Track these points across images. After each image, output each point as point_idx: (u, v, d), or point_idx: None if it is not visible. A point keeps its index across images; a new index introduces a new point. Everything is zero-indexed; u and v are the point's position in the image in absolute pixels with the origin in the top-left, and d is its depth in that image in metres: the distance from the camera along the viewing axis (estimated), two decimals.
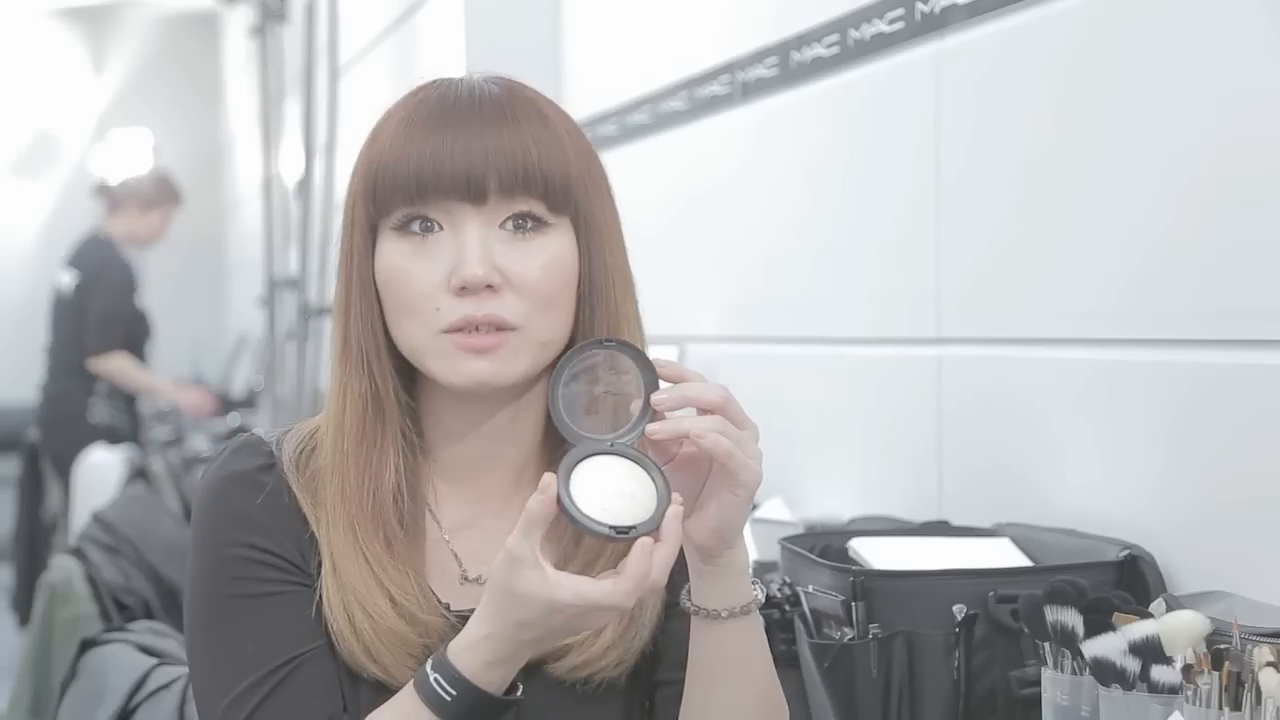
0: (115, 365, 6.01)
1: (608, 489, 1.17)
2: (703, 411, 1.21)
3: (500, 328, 1.25)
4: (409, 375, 1.32)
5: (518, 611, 1.16)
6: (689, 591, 1.26)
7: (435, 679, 1.20)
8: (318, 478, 1.31)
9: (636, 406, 1.22)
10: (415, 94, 1.32)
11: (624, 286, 1.33)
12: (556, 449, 1.31)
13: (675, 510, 1.16)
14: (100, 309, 5.94)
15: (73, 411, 5.95)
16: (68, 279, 6.03)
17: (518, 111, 1.29)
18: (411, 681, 1.22)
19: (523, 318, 1.26)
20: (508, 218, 1.27)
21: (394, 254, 1.28)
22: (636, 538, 1.15)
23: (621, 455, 1.20)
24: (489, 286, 1.25)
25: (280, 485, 1.31)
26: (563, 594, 1.14)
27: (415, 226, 1.27)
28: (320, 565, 1.29)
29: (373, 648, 1.27)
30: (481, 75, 1.33)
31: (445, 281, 1.25)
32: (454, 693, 1.19)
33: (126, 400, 6.07)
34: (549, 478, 1.16)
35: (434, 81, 1.33)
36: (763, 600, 1.28)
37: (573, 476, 1.18)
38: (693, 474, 1.22)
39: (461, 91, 1.30)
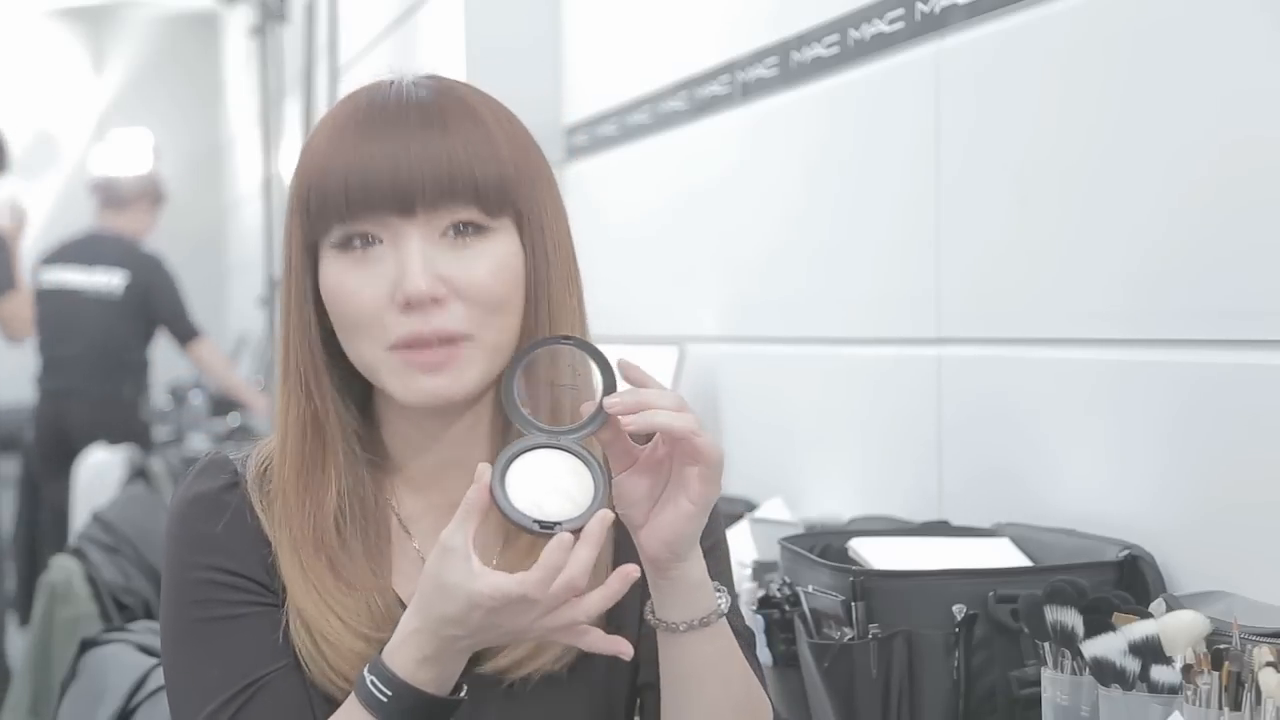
0: (210, 350, 6.08)
1: (545, 484, 1.16)
2: None
3: (450, 340, 1.23)
4: (364, 390, 1.31)
5: (442, 605, 1.15)
6: (651, 606, 1.25)
7: (371, 680, 1.19)
8: (274, 499, 1.30)
9: (590, 407, 1.20)
10: (346, 102, 1.29)
11: (564, 281, 1.30)
12: None
13: (603, 514, 1.14)
14: (172, 304, 5.99)
15: (126, 413, 5.94)
16: (113, 279, 5.95)
17: (446, 114, 1.26)
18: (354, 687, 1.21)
19: (472, 325, 1.24)
20: (447, 226, 1.24)
21: (336, 271, 1.26)
22: (558, 534, 1.13)
23: (568, 451, 1.18)
24: (434, 300, 1.23)
25: (244, 504, 1.31)
26: (480, 585, 1.12)
27: (355, 242, 1.25)
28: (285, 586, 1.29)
29: (339, 668, 1.26)
30: (412, 77, 1.30)
31: (389, 297, 1.23)
32: (389, 693, 1.18)
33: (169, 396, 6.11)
34: (484, 467, 1.15)
35: (365, 87, 1.30)
36: (725, 610, 1.25)
37: (513, 466, 1.17)
38: (651, 480, 1.20)
39: (390, 97, 1.27)
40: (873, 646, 1.67)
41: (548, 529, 1.14)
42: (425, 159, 1.23)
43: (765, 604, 1.85)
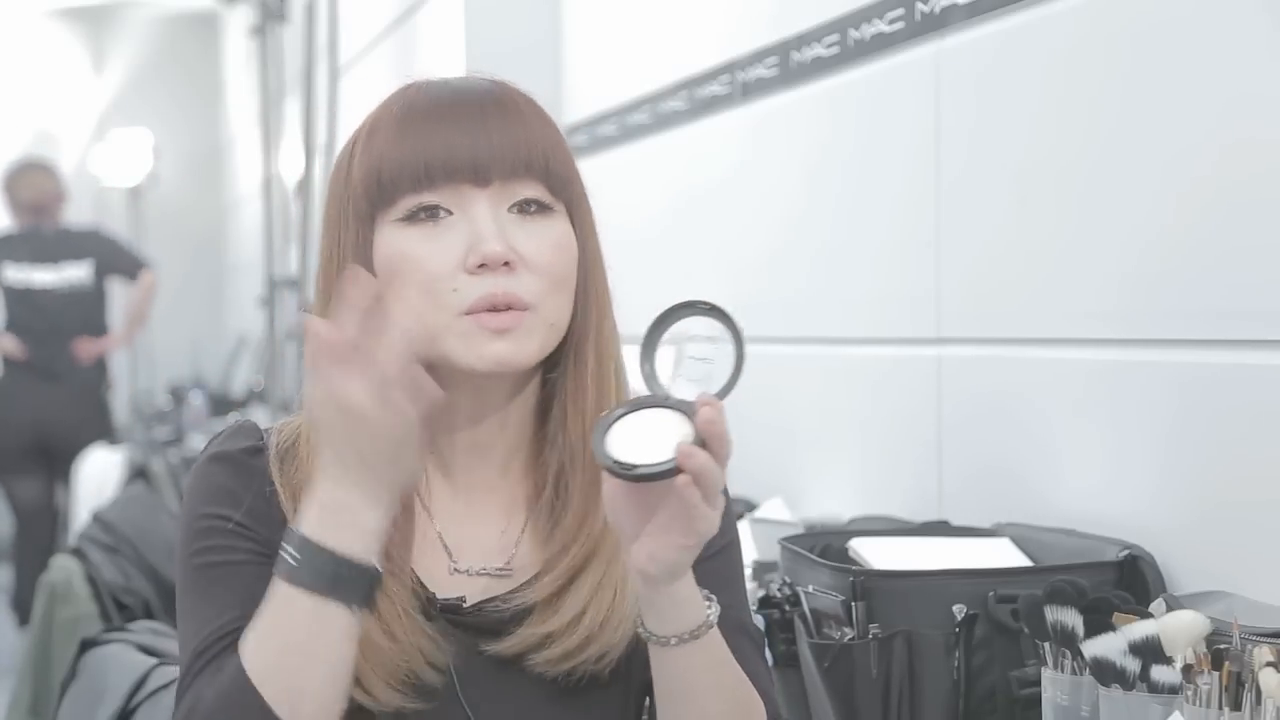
0: (151, 282, 6.14)
1: (651, 436, 1.16)
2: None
3: (519, 306, 1.26)
4: None
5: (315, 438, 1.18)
6: (640, 619, 1.24)
7: (284, 548, 1.19)
8: (298, 477, 1.31)
9: (723, 374, 1.19)
10: (406, 91, 1.33)
11: (603, 277, 1.36)
12: (548, 441, 1.34)
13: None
14: (124, 250, 6.20)
15: (99, 410, 5.94)
16: (80, 271, 5.95)
17: (517, 102, 1.32)
18: None
19: (537, 297, 1.27)
20: (514, 202, 1.29)
21: (401, 242, 1.28)
22: (634, 477, 1.14)
23: (681, 412, 1.17)
24: (506, 264, 1.26)
25: (264, 472, 1.32)
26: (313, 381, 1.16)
27: (422, 214, 1.28)
28: None
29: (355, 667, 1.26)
30: (471, 75, 1.35)
31: (460, 262, 1.26)
32: (299, 556, 1.18)
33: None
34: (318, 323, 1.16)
35: (423, 81, 1.34)
36: (715, 621, 1.24)
37: (627, 418, 1.17)
38: (647, 495, 1.18)
39: (458, 85, 1.32)
40: (873, 646, 1.67)
41: (625, 469, 1.15)
42: (503, 136, 1.29)
43: (765, 604, 1.85)
